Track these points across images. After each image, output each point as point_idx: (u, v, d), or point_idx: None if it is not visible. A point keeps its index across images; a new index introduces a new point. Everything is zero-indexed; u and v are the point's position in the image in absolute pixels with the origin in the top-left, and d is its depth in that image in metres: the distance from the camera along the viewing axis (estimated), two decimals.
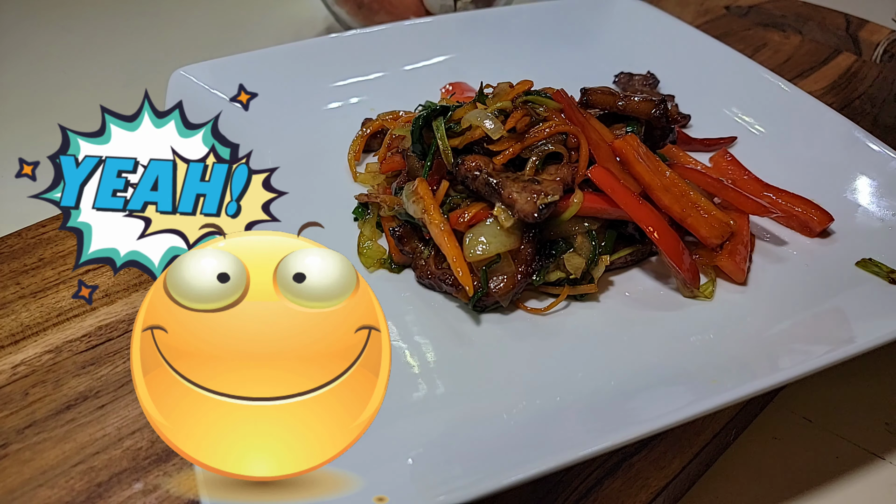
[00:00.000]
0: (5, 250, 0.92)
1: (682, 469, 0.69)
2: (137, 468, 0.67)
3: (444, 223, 0.81)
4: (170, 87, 1.05)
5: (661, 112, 0.93)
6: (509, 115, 0.85)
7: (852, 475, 0.73)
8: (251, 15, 1.78)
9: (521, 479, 0.57)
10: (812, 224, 0.88)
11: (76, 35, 1.70)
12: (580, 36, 1.31)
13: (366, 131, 1.04)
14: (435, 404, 0.71)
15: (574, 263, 0.81)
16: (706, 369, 0.71)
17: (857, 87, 1.27)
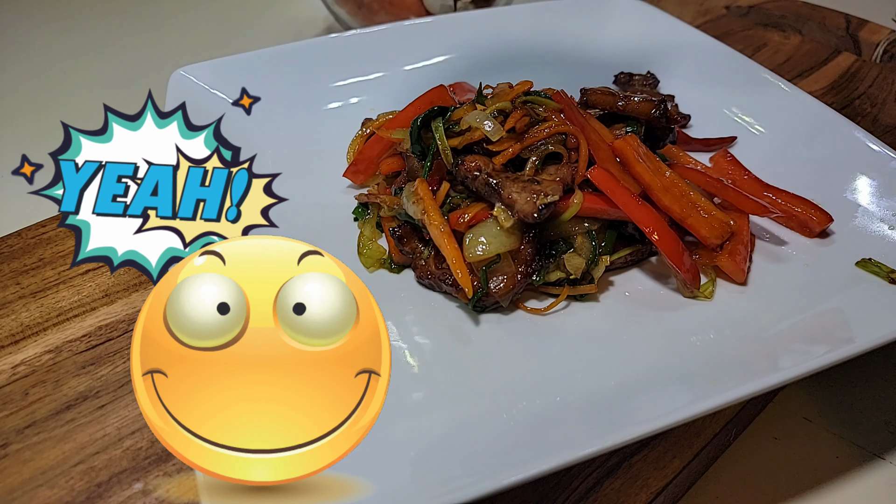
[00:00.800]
0: (5, 250, 0.92)
1: (682, 469, 0.69)
2: (137, 468, 0.67)
3: (443, 224, 0.81)
4: (170, 88, 1.05)
5: (660, 112, 0.93)
6: (509, 116, 0.85)
7: (852, 475, 0.73)
8: (251, 15, 1.78)
9: (521, 479, 0.57)
10: (812, 224, 0.88)
11: (76, 35, 1.70)
12: (580, 36, 1.31)
13: (366, 131, 1.04)
14: (435, 404, 0.71)
15: (574, 264, 0.81)
16: (706, 369, 0.71)
17: (857, 87, 1.27)
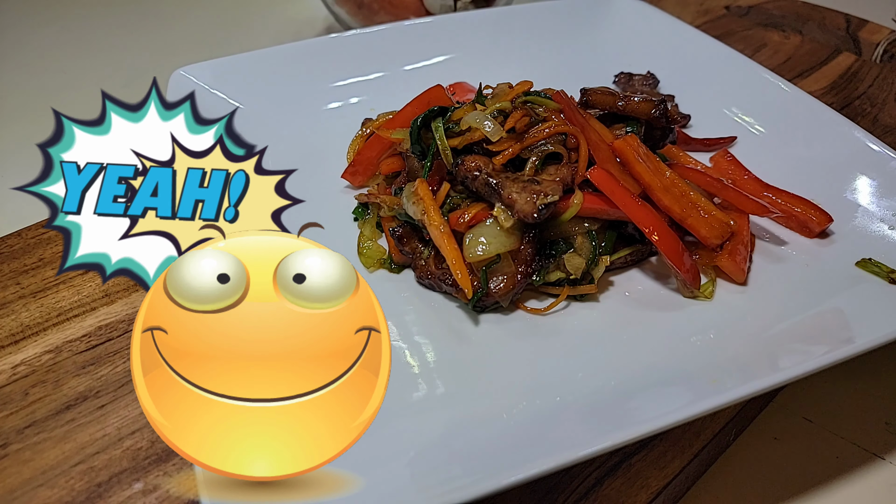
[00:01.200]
0: (5, 250, 0.92)
1: (682, 469, 0.69)
2: (137, 468, 0.67)
3: (443, 225, 0.81)
4: (170, 87, 1.05)
5: (660, 112, 0.93)
6: (509, 116, 0.85)
7: (852, 475, 0.73)
8: (251, 15, 1.78)
9: (521, 479, 0.57)
10: (811, 224, 0.88)
11: (76, 35, 1.70)
12: (580, 36, 1.31)
13: (366, 131, 1.04)
14: (435, 404, 0.71)
15: (574, 264, 0.81)
16: (706, 369, 0.71)
17: (857, 87, 1.27)
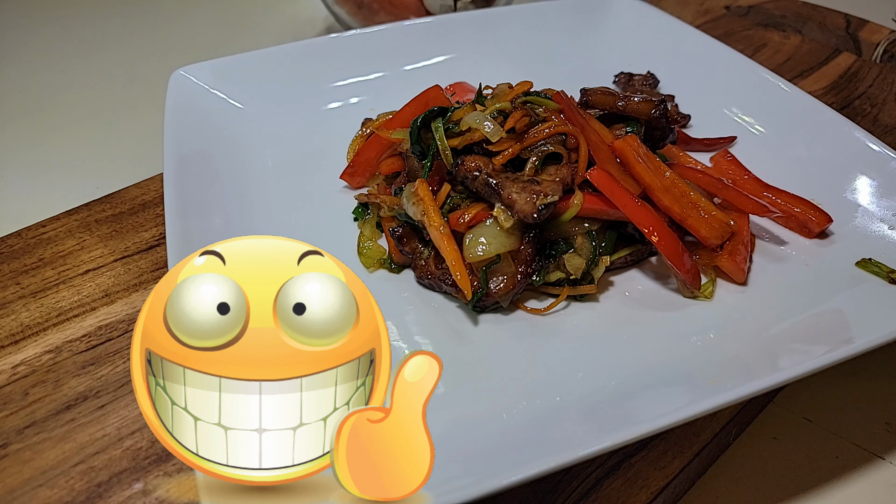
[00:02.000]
0: (5, 250, 0.92)
1: (682, 469, 0.69)
2: (137, 468, 0.67)
3: (443, 226, 0.81)
4: (170, 87, 1.05)
5: (660, 112, 0.93)
6: (508, 116, 0.85)
7: (852, 475, 0.73)
8: (251, 15, 1.78)
9: (521, 479, 0.57)
10: (811, 225, 0.88)
11: (76, 35, 1.70)
12: (580, 36, 1.31)
13: (365, 131, 1.04)
14: (435, 404, 0.70)
15: (574, 264, 0.81)
16: (706, 369, 0.71)
17: (857, 87, 1.27)
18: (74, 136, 1.31)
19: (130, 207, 1.00)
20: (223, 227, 0.88)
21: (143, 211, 0.99)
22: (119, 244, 0.94)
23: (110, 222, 0.97)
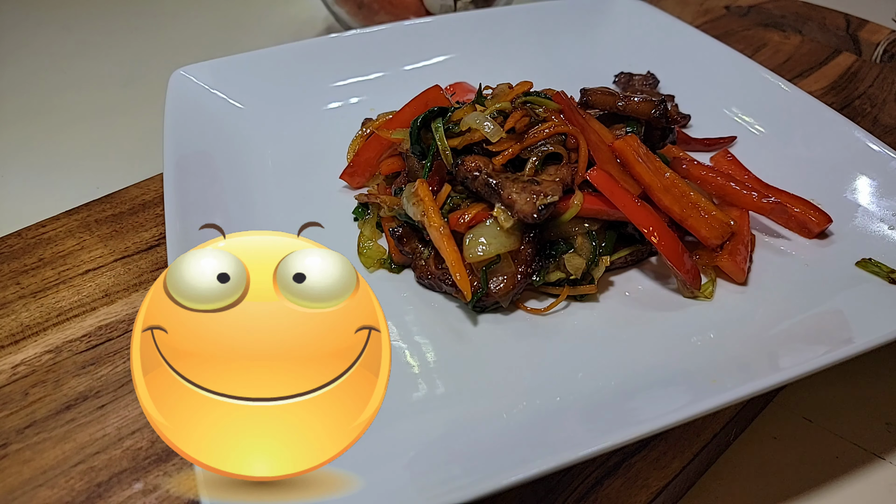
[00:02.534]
0: (5, 250, 0.92)
1: (682, 469, 0.69)
2: (137, 468, 0.67)
3: (443, 226, 0.81)
4: (170, 87, 1.05)
5: (660, 112, 0.93)
6: (508, 116, 0.85)
7: (852, 475, 0.73)
8: (251, 15, 1.78)
9: (521, 479, 0.57)
10: (811, 225, 0.88)
11: (76, 35, 1.70)
12: (580, 36, 1.31)
13: (365, 131, 1.04)
14: (435, 404, 0.71)
15: (574, 264, 0.81)
16: (706, 369, 0.71)
17: (857, 87, 1.27)
18: (74, 136, 1.31)
19: (130, 207, 1.00)
20: (223, 226, 0.87)
21: (143, 211, 1.00)
22: (119, 244, 0.94)
23: (110, 222, 0.97)
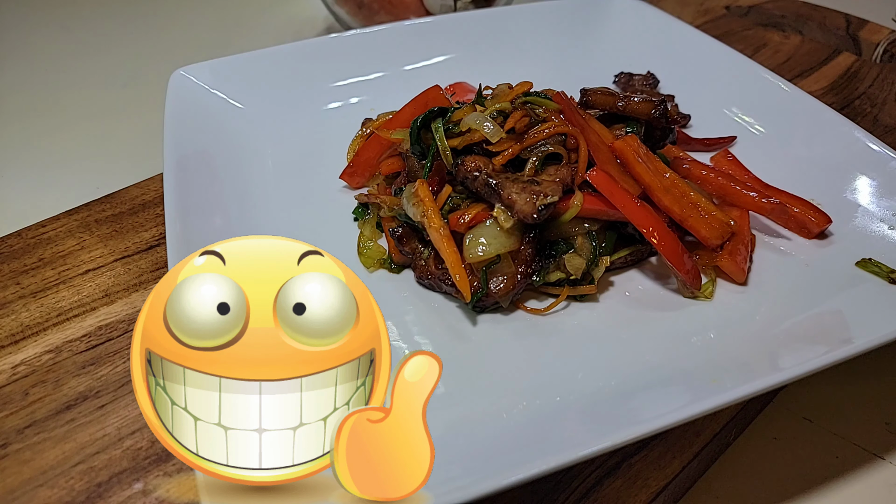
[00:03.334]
0: (5, 250, 0.92)
1: (682, 469, 0.69)
2: (137, 468, 0.67)
3: (443, 227, 0.81)
4: (170, 87, 1.05)
5: (660, 112, 0.93)
6: (508, 117, 0.85)
7: (852, 475, 0.73)
8: (251, 15, 1.78)
9: (521, 479, 0.57)
10: (810, 225, 0.88)
11: (76, 35, 1.70)
12: (580, 36, 1.31)
13: (365, 131, 1.04)
14: (435, 404, 0.70)
15: (574, 264, 0.81)
16: (706, 369, 0.71)
17: (857, 87, 1.27)
18: (74, 136, 1.31)
19: (130, 207, 1.00)
20: (223, 227, 0.88)
21: (143, 211, 0.99)
22: (119, 244, 0.94)
23: (110, 222, 0.97)
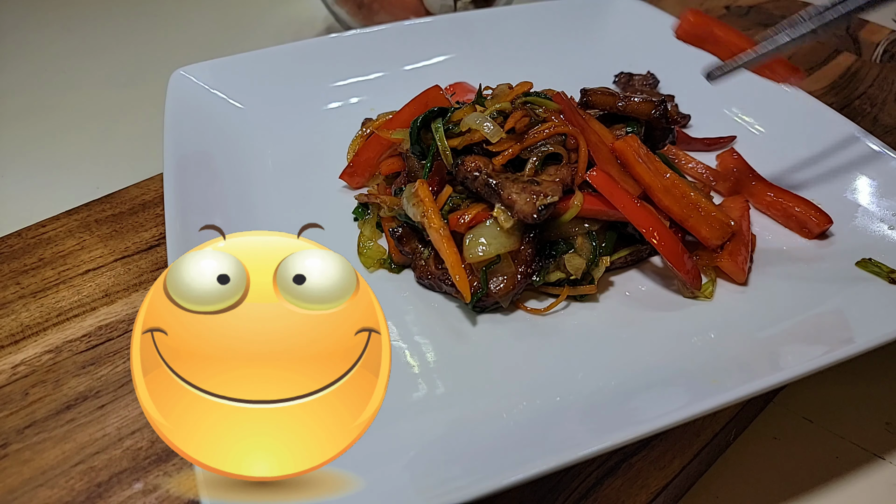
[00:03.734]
0: (5, 250, 0.92)
1: (682, 469, 0.69)
2: (137, 468, 0.67)
3: (443, 227, 0.81)
4: (170, 87, 1.05)
5: (660, 112, 0.93)
6: (508, 117, 0.85)
7: (852, 475, 0.73)
8: (251, 15, 1.78)
9: (521, 479, 0.57)
10: (811, 225, 0.88)
11: (76, 35, 1.70)
12: (580, 36, 1.31)
13: (365, 131, 1.04)
14: (435, 404, 0.71)
15: (574, 264, 0.81)
16: (706, 369, 0.71)
17: (857, 87, 1.27)
18: (74, 137, 1.31)
19: (130, 207, 1.00)
20: (223, 226, 0.87)
21: (143, 211, 1.00)
22: (119, 244, 0.94)
23: (110, 222, 0.97)
